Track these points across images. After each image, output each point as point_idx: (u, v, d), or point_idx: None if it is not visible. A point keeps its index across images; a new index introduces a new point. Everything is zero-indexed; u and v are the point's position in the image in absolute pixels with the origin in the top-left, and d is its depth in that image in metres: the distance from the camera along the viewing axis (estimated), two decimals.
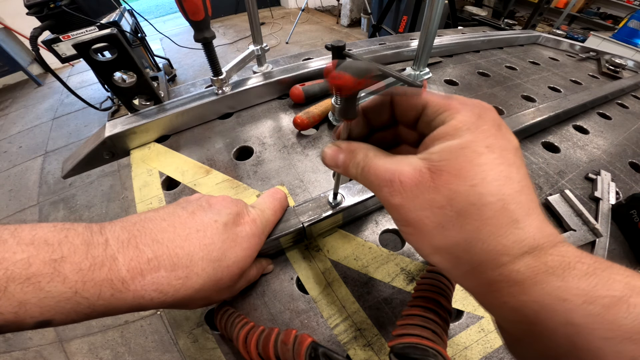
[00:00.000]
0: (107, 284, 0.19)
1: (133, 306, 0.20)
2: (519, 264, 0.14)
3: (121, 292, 0.19)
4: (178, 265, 0.22)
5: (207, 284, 0.23)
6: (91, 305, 0.18)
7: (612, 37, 2.59)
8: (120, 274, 0.19)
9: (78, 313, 0.18)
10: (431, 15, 0.51)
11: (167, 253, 0.22)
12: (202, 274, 0.23)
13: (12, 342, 1.21)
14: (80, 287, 0.18)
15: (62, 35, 1.19)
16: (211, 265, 0.23)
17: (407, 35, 0.88)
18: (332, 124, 0.54)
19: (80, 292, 0.18)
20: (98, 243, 0.20)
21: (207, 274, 0.23)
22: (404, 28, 2.72)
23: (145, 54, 2.05)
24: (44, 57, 1.11)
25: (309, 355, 0.23)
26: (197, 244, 0.23)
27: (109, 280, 0.19)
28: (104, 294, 0.19)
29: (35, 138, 2.26)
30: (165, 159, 0.48)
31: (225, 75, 0.53)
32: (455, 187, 0.15)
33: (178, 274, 0.21)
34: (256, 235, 0.27)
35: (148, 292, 0.20)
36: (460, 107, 0.17)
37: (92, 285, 0.18)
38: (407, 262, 0.37)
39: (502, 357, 0.31)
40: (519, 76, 0.76)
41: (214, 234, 0.24)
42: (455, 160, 0.16)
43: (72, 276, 0.18)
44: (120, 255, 0.20)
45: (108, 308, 0.19)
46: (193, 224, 0.24)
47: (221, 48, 3.37)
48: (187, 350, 0.31)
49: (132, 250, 0.20)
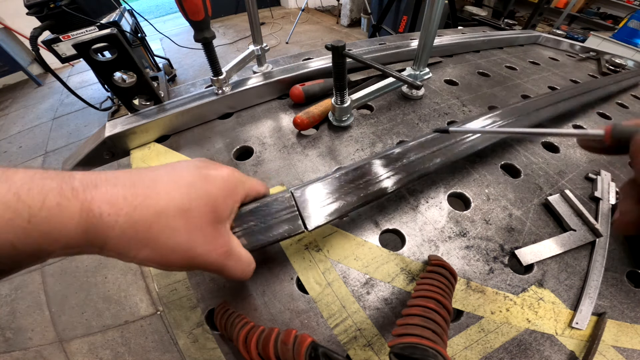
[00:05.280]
0: (55, 192, 0.17)
1: (80, 226, 0.17)
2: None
3: (68, 200, 0.17)
4: (138, 184, 0.20)
5: (171, 209, 0.21)
6: (31, 217, 0.16)
7: (612, 37, 2.59)
8: (73, 183, 0.18)
9: (15, 229, 0.15)
10: (431, 15, 0.51)
11: (128, 175, 0.20)
12: (164, 196, 0.21)
13: (12, 342, 1.21)
14: (25, 191, 0.16)
15: (62, 35, 1.19)
16: (177, 190, 0.22)
17: (407, 35, 0.88)
18: (332, 124, 0.54)
19: (22, 196, 0.16)
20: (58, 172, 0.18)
21: (170, 197, 0.21)
22: (404, 28, 2.72)
23: (145, 54, 2.05)
24: (44, 57, 1.11)
25: (309, 355, 0.23)
26: (164, 172, 0.23)
27: (58, 188, 0.17)
28: (49, 202, 0.16)
29: (35, 138, 2.26)
30: (165, 159, 0.48)
31: (225, 75, 0.53)
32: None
33: (137, 191, 0.20)
34: (229, 184, 0.26)
35: (98, 203, 0.18)
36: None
37: (38, 191, 0.16)
38: (407, 262, 0.37)
39: (502, 357, 0.31)
40: (519, 76, 0.76)
41: (183, 168, 0.24)
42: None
43: (19, 181, 0.16)
44: (78, 175, 0.19)
45: (50, 224, 0.16)
46: (167, 165, 0.24)
47: (221, 48, 3.37)
48: (187, 350, 0.31)
49: (91, 174, 0.19)
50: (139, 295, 1.34)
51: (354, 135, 0.53)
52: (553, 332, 0.33)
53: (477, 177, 0.47)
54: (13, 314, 1.29)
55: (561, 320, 0.34)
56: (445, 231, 0.40)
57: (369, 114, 0.59)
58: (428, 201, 0.43)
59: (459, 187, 0.45)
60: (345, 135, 0.53)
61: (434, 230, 0.40)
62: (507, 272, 0.37)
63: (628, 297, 0.36)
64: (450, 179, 0.47)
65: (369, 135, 0.53)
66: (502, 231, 0.41)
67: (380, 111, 0.59)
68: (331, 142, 0.52)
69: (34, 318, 1.27)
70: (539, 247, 0.39)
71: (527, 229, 0.41)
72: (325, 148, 0.51)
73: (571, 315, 0.34)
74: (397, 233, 0.40)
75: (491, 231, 0.40)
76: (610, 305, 0.35)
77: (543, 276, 0.37)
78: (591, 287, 0.36)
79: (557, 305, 0.35)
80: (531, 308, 0.34)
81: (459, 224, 0.41)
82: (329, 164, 0.48)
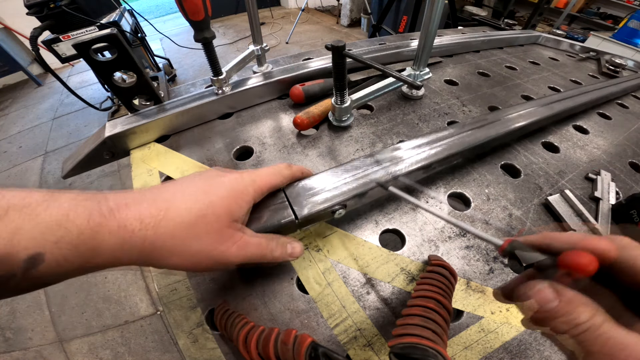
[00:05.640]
0: (96, 211, 0.20)
1: (118, 241, 0.21)
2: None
3: (107, 219, 0.20)
4: (159, 199, 0.24)
5: (191, 218, 0.24)
6: (79, 235, 0.19)
7: (612, 37, 2.59)
8: (108, 203, 0.21)
9: (68, 244, 0.18)
10: (431, 15, 0.51)
11: (151, 193, 0.24)
12: (182, 207, 0.24)
13: (12, 342, 1.21)
14: (73, 211, 0.19)
15: (62, 35, 1.19)
16: (193, 200, 0.25)
17: (407, 35, 0.88)
18: (332, 124, 0.54)
19: (71, 216, 0.19)
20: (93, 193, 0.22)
21: (187, 207, 0.24)
22: (404, 28, 2.72)
23: (145, 54, 2.05)
24: (44, 57, 1.11)
25: (309, 355, 0.23)
26: (180, 186, 0.26)
27: (98, 208, 0.20)
28: (92, 221, 0.20)
29: (35, 138, 2.26)
30: (165, 159, 0.48)
31: (225, 75, 0.53)
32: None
33: (159, 205, 0.23)
34: (239, 186, 0.28)
35: (130, 220, 0.21)
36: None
37: (83, 210, 0.20)
38: (407, 262, 0.37)
39: (502, 357, 0.31)
40: (519, 76, 0.76)
41: (198, 179, 0.27)
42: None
43: (66, 204, 0.19)
44: (111, 195, 0.22)
45: (95, 240, 0.19)
46: (182, 179, 0.28)
47: (221, 48, 3.37)
48: (187, 350, 0.31)
49: (121, 194, 0.23)
50: (139, 295, 1.34)
51: (354, 135, 0.53)
52: None
53: (477, 177, 0.47)
54: (13, 314, 1.29)
55: None
56: (445, 231, 0.40)
57: (369, 114, 0.59)
58: (428, 201, 0.43)
59: (459, 187, 0.45)
60: (345, 135, 0.53)
61: (434, 230, 0.40)
62: (507, 272, 0.37)
63: None
64: (450, 178, 0.47)
65: (369, 135, 0.53)
66: (502, 231, 0.41)
67: (380, 111, 0.59)
68: (331, 142, 0.52)
69: (34, 318, 1.27)
70: None
71: (527, 229, 0.41)
72: (325, 148, 0.51)
73: None
74: (397, 233, 0.40)
75: (491, 231, 0.40)
76: None
77: None
78: None
79: None
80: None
81: None
82: (329, 164, 0.48)
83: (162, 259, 0.23)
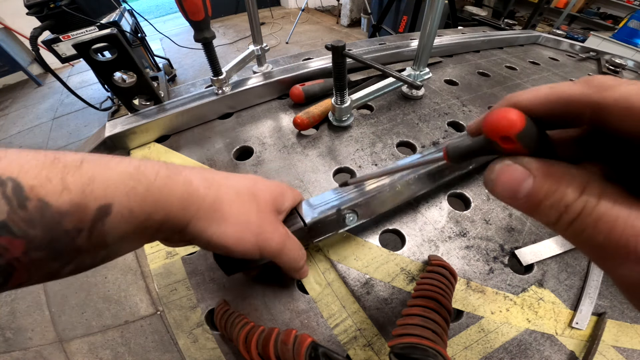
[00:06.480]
0: (164, 168, 0.21)
1: (182, 194, 0.21)
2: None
3: (175, 175, 0.22)
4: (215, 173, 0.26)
5: (245, 192, 0.26)
6: (149, 186, 0.19)
7: (612, 37, 2.58)
8: (173, 164, 0.23)
9: (136, 196, 0.19)
10: (431, 15, 0.51)
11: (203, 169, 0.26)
12: (238, 183, 0.26)
13: (12, 342, 1.20)
14: (143, 165, 0.20)
15: (62, 35, 1.19)
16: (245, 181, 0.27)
17: (407, 35, 0.88)
18: (332, 124, 0.54)
19: (142, 168, 0.20)
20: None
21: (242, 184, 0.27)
22: (404, 28, 2.72)
23: (145, 54, 2.05)
24: (44, 57, 1.11)
25: (309, 355, 0.23)
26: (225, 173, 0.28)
27: (165, 165, 0.22)
28: (162, 174, 0.21)
29: (35, 138, 2.25)
30: (165, 159, 0.48)
31: (225, 75, 0.53)
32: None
33: (217, 176, 0.26)
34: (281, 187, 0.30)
35: (196, 179, 0.23)
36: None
37: (152, 165, 0.21)
38: (407, 262, 0.37)
39: (502, 357, 0.31)
40: (519, 76, 0.76)
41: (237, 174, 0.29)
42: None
43: (136, 161, 0.20)
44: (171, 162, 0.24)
45: (161, 193, 0.20)
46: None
47: (221, 48, 3.37)
48: (187, 350, 0.31)
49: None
50: (139, 295, 1.34)
51: (354, 135, 0.53)
52: (553, 332, 0.33)
53: (477, 176, 0.47)
54: (13, 314, 1.29)
55: (561, 320, 0.34)
56: (445, 231, 0.40)
57: (369, 114, 0.59)
58: (428, 201, 0.43)
59: (459, 187, 0.45)
60: (345, 135, 0.53)
61: (434, 230, 0.40)
62: (507, 272, 0.37)
63: None
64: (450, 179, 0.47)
65: (369, 135, 0.53)
66: (502, 231, 0.41)
67: (380, 111, 0.59)
68: (331, 142, 0.52)
69: (34, 318, 1.27)
70: (539, 247, 0.39)
71: (527, 228, 0.41)
72: (325, 148, 0.51)
73: (571, 315, 0.34)
74: (397, 233, 0.40)
75: (491, 231, 0.40)
76: (610, 305, 0.35)
77: (543, 276, 0.37)
78: (591, 287, 0.36)
79: (557, 305, 0.35)
80: (531, 308, 0.34)
81: (459, 224, 0.41)
82: (329, 164, 0.48)
83: (214, 222, 0.23)
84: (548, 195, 0.11)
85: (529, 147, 0.12)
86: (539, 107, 0.13)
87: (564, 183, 0.11)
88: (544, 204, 0.12)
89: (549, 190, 0.11)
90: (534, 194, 0.12)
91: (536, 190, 0.12)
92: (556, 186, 0.11)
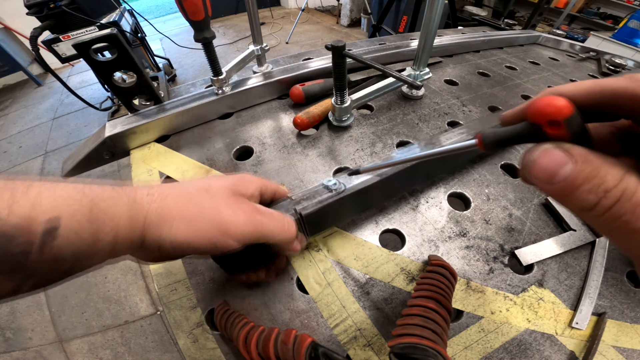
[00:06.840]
0: (109, 189, 0.22)
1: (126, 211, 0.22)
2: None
3: (119, 194, 0.22)
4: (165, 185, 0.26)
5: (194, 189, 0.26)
6: (93, 207, 0.20)
7: (612, 37, 2.58)
8: (118, 185, 0.23)
9: (82, 216, 0.19)
10: (431, 15, 0.51)
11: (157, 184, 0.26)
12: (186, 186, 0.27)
13: (12, 342, 1.20)
14: (87, 187, 0.20)
15: (62, 35, 1.19)
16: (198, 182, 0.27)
17: (407, 35, 0.88)
18: (332, 124, 0.54)
19: (86, 191, 0.20)
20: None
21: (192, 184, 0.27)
22: (404, 28, 2.72)
23: (145, 54, 2.05)
24: (44, 57, 1.11)
25: (309, 355, 0.23)
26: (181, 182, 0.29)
27: (110, 188, 0.22)
28: (105, 194, 0.21)
29: (35, 138, 2.25)
30: (165, 159, 0.48)
31: (225, 75, 0.53)
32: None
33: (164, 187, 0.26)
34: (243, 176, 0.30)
35: (139, 194, 0.23)
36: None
37: (97, 187, 0.21)
38: (407, 262, 0.37)
39: (502, 357, 0.31)
40: (519, 76, 0.76)
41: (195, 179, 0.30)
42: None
43: (80, 184, 0.20)
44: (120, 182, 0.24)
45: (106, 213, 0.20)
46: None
47: (221, 48, 3.36)
48: (187, 350, 0.31)
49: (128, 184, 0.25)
50: (139, 295, 1.34)
51: (354, 135, 0.53)
52: (553, 332, 0.33)
53: (477, 177, 0.47)
54: (13, 314, 1.29)
55: (561, 320, 0.34)
56: (445, 231, 0.40)
57: (369, 114, 0.59)
58: (428, 201, 0.43)
59: (459, 187, 0.45)
60: (345, 135, 0.53)
61: (434, 230, 0.40)
62: (507, 272, 0.37)
63: (628, 297, 0.36)
64: (450, 179, 0.47)
65: (369, 135, 0.53)
66: (502, 231, 0.41)
67: (380, 111, 0.59)
68: (331, 142, 0.52)
69: (34, 318, 1.27)
70: (539, 247, 0.39)
71: (527, 229, 0.41)
72: (325, 148, 0.51)
73: (571, 315, 0.34)
74: (397, 233, 0.40)
75: (491, 231, 0.40)
76: (610, 305, 0.35)
77: (543, 276, 0.37)
78: (591, 287, 0.36)
79: (557, 305, 0.35)
80: (531, 308, 0.34)
81: (459, 224, 0.41)
82: (329, 164, 0.48)
83: (166, 226, 0.23)
84: (588, 179, 0.12)
85: (574, 134, 0.12)
86: (583, 98, 0.13)
87: (604, 169, 0.12)
88: (582, 189, 0.12)
89: (590, 175, 0.12)
90: (573, 178, 0.12)
91: (576, 175, 0.12)
92: (596, 172, 0.12)
